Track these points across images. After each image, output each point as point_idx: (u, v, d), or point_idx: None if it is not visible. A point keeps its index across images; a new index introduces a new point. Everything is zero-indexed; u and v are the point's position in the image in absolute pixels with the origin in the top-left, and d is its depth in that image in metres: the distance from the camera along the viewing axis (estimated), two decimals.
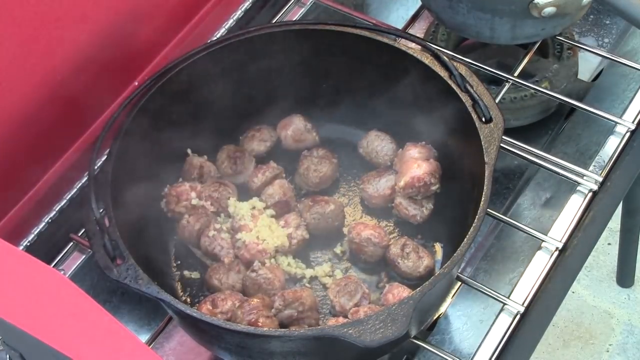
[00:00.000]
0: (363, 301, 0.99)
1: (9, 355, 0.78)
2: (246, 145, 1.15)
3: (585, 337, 1.92)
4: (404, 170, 1.06)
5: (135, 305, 1.09)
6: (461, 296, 1.05)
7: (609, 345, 1.91)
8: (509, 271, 1.08)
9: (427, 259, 1.02)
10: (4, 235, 0.96)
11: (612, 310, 1.96)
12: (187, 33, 1.17)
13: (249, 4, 1.26)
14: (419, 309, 0.85)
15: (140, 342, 0.65)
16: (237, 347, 0.92)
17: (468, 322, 1.04)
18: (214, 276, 1.02)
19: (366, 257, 1.04)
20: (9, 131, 0.97)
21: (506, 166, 1.27)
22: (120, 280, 0.88)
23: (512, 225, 1.06)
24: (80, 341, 0.63)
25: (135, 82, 1.11)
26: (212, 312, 0.96)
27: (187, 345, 1.05)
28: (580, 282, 1.99)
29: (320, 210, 1.07)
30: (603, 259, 2.02)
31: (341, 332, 0.82)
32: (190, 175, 1.11)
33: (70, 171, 1.07)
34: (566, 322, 1.94)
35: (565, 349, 1.90)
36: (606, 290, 1.99)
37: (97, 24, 1.01)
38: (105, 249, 0.91)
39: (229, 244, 1.05)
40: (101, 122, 1.08)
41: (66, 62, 0.99)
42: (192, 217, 1.06)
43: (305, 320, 0.98)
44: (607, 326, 1.93)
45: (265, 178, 1.10)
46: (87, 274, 1.08)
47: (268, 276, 1.00)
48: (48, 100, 0.99)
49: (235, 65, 1.10)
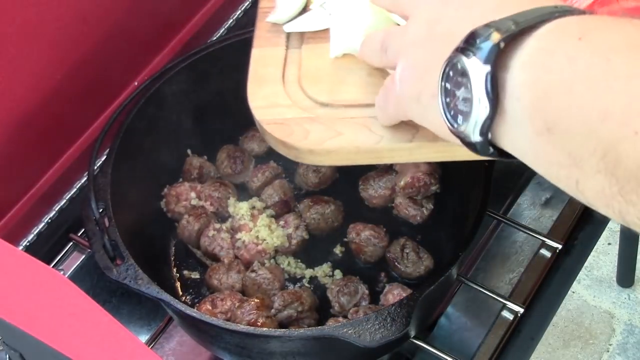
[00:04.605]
0: (363, 301, 0.99)
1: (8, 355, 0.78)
2: (246, 145, 1.15)
3: (585, 337, 1.92)
4: (404, 170, 1.06)
5: (135, 305, 1.09)
6: (461, 296, 1.05)
7: (609, 345, 1.91)
8: (509, 271, 1.08)
9: (427, 259, 1.02)
10: (3, 235, 0.96)
11: (613, 310, 1.96)
12: (187, 33, 1.17)
13: (249, 4, 1.25)
14: (419, 309, 0.85)
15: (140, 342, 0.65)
16: (237, 347, 0.92)
17: (468, 322, 1.04)
18: (214, 276, 1.02)
19: (366, 257, 1.04)
20: (9, 131, 0.97)
21: (506, 166, 1.26)
22: (120, 280, 0.88)
23: (512, 225, 1.06)
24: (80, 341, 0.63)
25: (135, 82, 1.11)
26: (212, 312, 0.96)
27: (187, 345, 1.05)
28: (580, 282, 1.99)
29: (320, 210, 1.07)
30: (603, 259, 2.02)
31: (341, 332, 0.82)
32: (190, 175, 1.11)
33: (70, 171, 1.07)
34: (566, 322, 1.93)
35: (565, 349, 1.90)
36: (606, 290, 1.99)
37: (97, 24, 1.00)
38: (105, 249, 0.91)
39: (228, 244, 1.05)
40: (101, 122, 1.08)
41: (66, 62, 0.99)
42: (192, 217, 1.06)
43: (305, 321, 0.98)
44: (608, 326, 1.93)
45: (265, 178, 1.10)
46: (87, 274, 1.08)
47: (268, 276, 1.00)
48: (48, 100, 0.99)
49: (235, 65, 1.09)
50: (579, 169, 0.47)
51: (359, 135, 0.72)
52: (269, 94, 0.78)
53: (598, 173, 0.46)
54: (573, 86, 0.46)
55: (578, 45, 0.47)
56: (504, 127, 0.52)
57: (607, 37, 0.47)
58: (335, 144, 0.72)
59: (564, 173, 0.49)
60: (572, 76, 0.47)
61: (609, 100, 0.44)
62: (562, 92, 0.47)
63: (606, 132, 0.44)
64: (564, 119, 0.47)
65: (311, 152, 0.72)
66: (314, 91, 0.77)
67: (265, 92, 0.78)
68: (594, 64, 0.46)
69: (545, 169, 0.51)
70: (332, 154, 0.72)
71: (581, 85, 0.46)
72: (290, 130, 0.73)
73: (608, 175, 0.45)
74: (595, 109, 0.45)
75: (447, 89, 0.55)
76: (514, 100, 0.50)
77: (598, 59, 0.46)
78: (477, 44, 0.52)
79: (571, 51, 0.47)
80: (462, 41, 0.53)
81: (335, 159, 0.73)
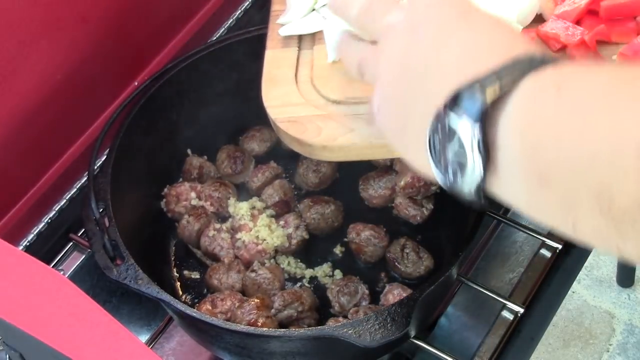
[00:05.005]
0: (363, 301, 0.99)
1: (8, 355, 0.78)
2: (246, 145, 1.15)
3: (585, 337, 1.92)
4: (404, 170, 1.06)
5: (135, 306, 1.09)
6: (461, 296, 1.05)
7: (609, 345, 1.91)
8: (509, 271, 1.08)
9: (427, 259, 1.02)
10: (3, 235, 0.96)
11: (613, 310, 1.96)
12: (187, 33, 1.17)
13: (249, 4, 1.25)
14: (419, 309, 0.85)
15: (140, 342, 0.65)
16: (237, 347, 0.92)
17: (468, 322, 1.04)
18: (214, 276, 1.02)
19: (366, 257, 1.04)
20: (9, 131, 0.97)
21: None
22: (120, 280, 0.88)
23: (512, 225, 1.06)
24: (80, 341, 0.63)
25: (135, 82, 1.11)
26: (212, 312, 0.96)
27: (187, 345, 1.05)
28: (580, 282, 1.99)
29: (320, 210, 1.07)
30: (603, 259, 2.02)
31: (341, 332, 0.82)
32: (190, 175, 1.11)
33: (70, 171, 1.07)
34: (566, 322, 1.93)
35: (565, 349, 1.90)
36: (606, 290, 1.99)
37: (97, 24, 1.00)
38: (105, 249, 0.91)
39: (228, 244, 1.05)
40: (101, 122, 1.08)
41: (66, 62, 0.99)
42: (192, 217, 1.06)
43: (305, 321, 0.98)
44: (608, 326, 1.93)
45: (265, 178, 1.10)
46: (87, 274, 1.08)
47: (268, 276, 1.00)
48: (48, 100, 0.99)
49: (235, 65, 1.10)
50: (575, 213, 0.49)
51: (370, 131, 0.73)
52: (283, 94, 0.80)
53: (593, 214, 0.47)
54: (559, 137, 0.48)
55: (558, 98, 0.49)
56: (496, 178, 0.53)
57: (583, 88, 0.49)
58: (348, 139, 0.74)
59: (560, 217, 0.50)
60: (556, 128, 0.49)
61: (595, 148, 0.46)
62: (550, 144, 0.49)
63: (597, 176, 0.46)
64: (555, 169, 0.49)
65: (325, 148, 0.74)
66: (327, 90, 0.79)
67: (278, 92, 0.80)
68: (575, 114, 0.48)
69: (541, 215, 0.53)
70: (345, 149, 0.74)
71: (566, 136, 0.48)
72: (303, 128, 0.75)
73: (604, 215, 0.47)
74: (584, 157, 0.47)
75: (435, 144, 0.56)
76: (505, 154, 0.52)
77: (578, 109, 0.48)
78: (464, 103, 0.52)
79: (552, 104, 0.49)
80: (448, 98, 0.54)
81: (348, 155, 0.75)
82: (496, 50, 0.55)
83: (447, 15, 0.58)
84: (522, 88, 0.51)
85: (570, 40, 0.69)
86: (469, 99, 0.52)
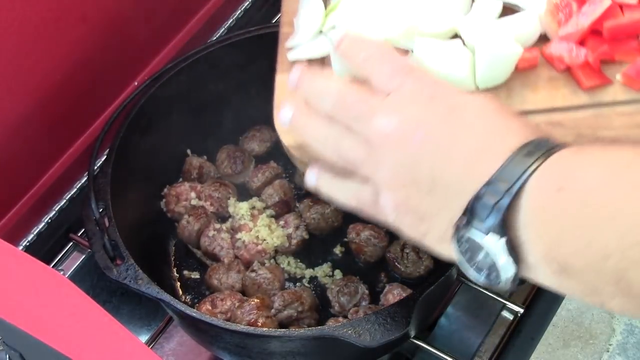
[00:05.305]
0: (363, 301, 0.99)
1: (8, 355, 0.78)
2: (246, 145, 1.15)
3: (585, 337, 1.92)
4: None
5: (135, 306, 1.09)
6: (461, 296, 1.05)
7: (609, 345, 1.91)
8: None
9: (427, 259, 1.02)
10: (3, 235, 0.96)
11: None
12: (187, 33, 1.17)
13: (249, 4, 1.25)
14: (419, 309, 0.85)
15: (140, 342, 0.65)
16: (237, 347, 0.92)
17: (468, 322, 1.04)
18: (214, 276, 1.02)
19: (366, 257, 1.04)
20: (9, 131, 0.97)
21: None
22: (120, 280, 0.89)
23: None
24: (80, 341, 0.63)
25: (135, 82, 1.11)
26: (212, 312, 0.96)
27: (187, 345, 1.05)
28: None
29: (320, 210, 1.07)
30: None
31: (341, 332, 0.82)
32: (190, 175, 1.11)
33: (70, 171, 1.07)
34: (566, 322, 1.93)
35: (565, 349, 1.90)
36: None
37: (97, 24, 1.00)
38: (105, 249, 0.91)
39: (228, 244, 1.05)
40: (101, 122, 1.08)
41: (66, 62, 0.99)
42: (192, 217, 1.06)
43: (305, 321, 0.98)
44: (607, 326, 1.93)
45: (265, 178, 1.10)
46: (87, 274, 1.08)
47: (268, 276, 1.00)
48: (48, 100, 0.99)
49: (235, 65, 1.10)
50: (599, 296, 0.55)
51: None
52: None
53: (616, 297, 0.54)
54: (572, 234, 0.54)
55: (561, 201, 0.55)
56: (527, 269, 0.59)
57: (583, 185, 0.54)
58: None
59: (588, 299, 0.57)
60: (566, 228, 0.54)
61: (604, 241, 0.52)
62: (565, 241, 0.55)
63: (612, 265, 0.52)
64: (574, 261, 0.54)
65: None
66: None
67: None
68: (579, 214, 0.54)
69: (571, 295, 0.59)
70: None
71: (577, 234, 0.54)
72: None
73: (625, 296, 0.53)
74: (597, 249, 0.53)
75: (463, 251, 0.60)
76: (530, 253, 0.57)
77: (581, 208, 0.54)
78: (481, 215, 0.57)
79: (558, 207, 0.55)
80: (466, 212, 0.58)
81: None
82: (494, 149, 0.58)
83: (439, 117, 0.61)
84: (528, 193, 0.56)
85: (575, 62, 0.69)
86: (484, 209, 0.57)
